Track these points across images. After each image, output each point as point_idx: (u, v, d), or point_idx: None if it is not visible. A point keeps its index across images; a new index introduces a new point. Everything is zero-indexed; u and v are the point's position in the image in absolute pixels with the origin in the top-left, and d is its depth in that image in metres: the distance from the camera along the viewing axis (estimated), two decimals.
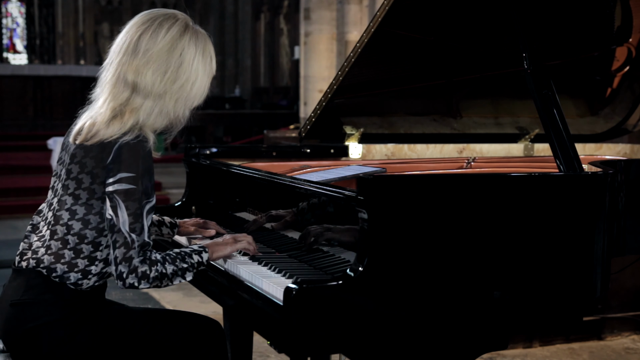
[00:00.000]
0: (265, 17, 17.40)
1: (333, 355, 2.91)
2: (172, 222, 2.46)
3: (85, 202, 2.03)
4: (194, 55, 2.06)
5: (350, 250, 2.02)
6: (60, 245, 2.04)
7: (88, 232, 2.04)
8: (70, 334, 2.03)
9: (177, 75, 2.04)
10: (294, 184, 2.29)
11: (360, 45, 2.85)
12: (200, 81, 2.09)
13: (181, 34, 2.06)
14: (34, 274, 2.05)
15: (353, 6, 9.03)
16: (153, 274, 1.97)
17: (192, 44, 2.07)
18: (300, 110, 10.21)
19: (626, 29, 3.30)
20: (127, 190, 1.96)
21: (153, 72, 2.02)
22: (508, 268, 1.99)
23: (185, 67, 2.05)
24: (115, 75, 2.05)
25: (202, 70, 2.09)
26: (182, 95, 2.07)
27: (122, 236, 1.95)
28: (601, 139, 3.57)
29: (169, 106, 2.05)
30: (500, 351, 3.20)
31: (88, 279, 2.06)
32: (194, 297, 4.79)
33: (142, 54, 2.02)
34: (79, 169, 2.03)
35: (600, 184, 2.11)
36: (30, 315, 2.03)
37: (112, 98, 2.04)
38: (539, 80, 2.24)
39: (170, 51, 2.03)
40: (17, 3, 19.28)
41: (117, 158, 1.97)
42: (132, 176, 1.96)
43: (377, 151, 3.30)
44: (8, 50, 19.31)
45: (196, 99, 2.11)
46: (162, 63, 2.03)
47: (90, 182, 2.02)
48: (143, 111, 2.03)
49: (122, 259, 1.95)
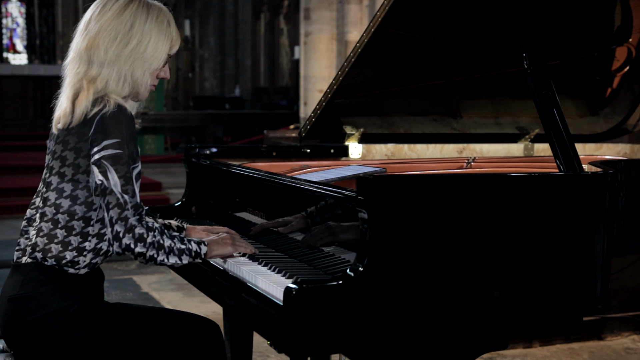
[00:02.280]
0: (265, 17, 17.40)
1: (333, 355, 2.91)
2: (179, 226, 2.42)
3: (71, 178, 2.06)
4: (145, 18, 2.10)
5: (350, 250, 2.02)
6: (52, 226, 2.07)
7: (77, 208, 2.06)
8: (70, 327, 2.03)
9: (128, 39, 2.08)
10: (294, 184, 2.30)
11: (360, 45, 2.85)
12: (154, 42, 2.11)
13: (128, 2, 2.10)
14: (30, 268, 2.07)
15: (353, 6, 9.03)
16: (150, 238, 1.98)
17: (143, 10, 2.10)
18: (300, 110, 10.21)
19: (626, 29, 3.30)
20: (114, 155, 1.99)
21: (103, 40, 2.07)
22: (508, 268, 1.99)
23: (136, 29, 2.08)
24: (73, 57, 2.11)
25: (157, 31, 2.11)
26: (137, 56, 2.09)
27: (114, 197, 1.97)
28: (601, 139, 3.57)
29: (125, 69, 2.08)
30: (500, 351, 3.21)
31: (84, 255, 2.07)
32: (194, 297, 4.80)
33: (92, 29, 2.08)
34: (62, 147, 2.07)
35: (600, 184, 2.11)
36: (29, 308, 2.03)
37: (72, 76, 2.10)
38: (539, 80, 2.24)
39: (117, 18, 2.08)
40: (17, 3, 19.29)
41: (100, 128, 2.00)
42: (117, 142, 1.99)
43: (377, 151, 3.30)
44: (8, 50, 19.32)
45: (154, 61, 2.12)
46: (112, 30, 2.07)
47: (75, 157, 2.05)
48: (100, 80, 2.06)
49: (118, 218, 1.97)
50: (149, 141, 13.88)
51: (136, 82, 2.11)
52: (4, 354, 2.18)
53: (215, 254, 2.16)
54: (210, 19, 18.89)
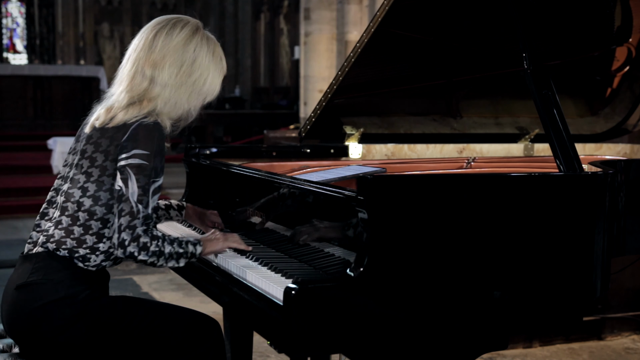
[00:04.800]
0: (265, 17, 17.40)
1: (333, 355, 2.91)
2: (179, 204, 2.59)
3: (97, 179, 2.12)
4: (205, 53, 2.21)
5: (350, 250, 2.02)
6: (71, 222, 2.12)
7: (98, 209, 2.12)
8: (74, 316, 2.05)
9: (192, 70, 2.18)
10: (294, 184, 2.30)
11: (360, 45, 2.85)
12: (212, 77, 2.23)
13: (193, 32, 2.20)
14: (41, 257, 2.11)
15: (353, 6, 9.03)
16: (153, 247, 2.05)
17: (204, 43, 2.21)
18: (300, 110, 10.21)
19: (626, 29, 3.30)
20: (139, 165, 2.06)
21: (169, 65, 2.16)
22: (508, 268, 1.99)
23: (199, 62, 2.19)
24: (133, 69, 2.18)
25: (214, 67, 2.23)
26: (196, 89, 2.20)
27: (128, 205, 2.04)
28: (601, 139, 3.57)
29: (183, 98, 2.19)
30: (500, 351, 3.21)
31: (96, 255, 2.12)
32: (194, 297, 4.80)
33: (158, 50, 2.16)
34: (94, 148, 2.14)
35: (600, 184, 2.11)
36: (38, 294, 2.06)
37: (130, 88, 2.17)
38: (539, 80, 2.24)
39: (184, 47, 2.18)
40: (17, 3, 19.28)
41: (134, 136, 2.08)
42: (145, 153, 2.07)
43: (377, 151, 3.30)
44: (8, 50, 19.31)
45: (209, 94, 2.25)
46: (178, 58, 2.17)
47: (103, 159, 2.12)
48: (161, 100, 2.16)
49: (126, 226, 2.03)
50: None
51: (189, 111, 2.23)
52: (5, 354, 2.18)
53: (208, 252, 2.22)
54: (210, 19, 18.89)
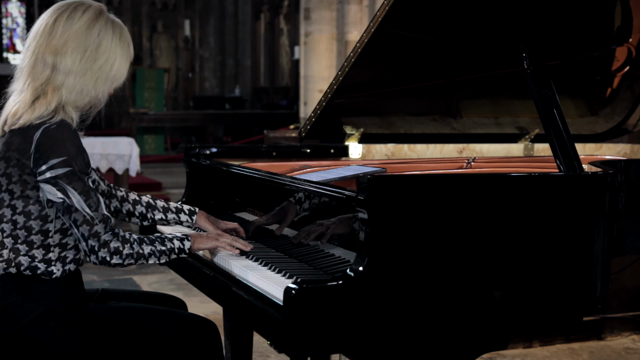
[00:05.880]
0: (265, 17, 17.40)
1: (333, 355, 2.91)
2: (191, 209, 2.46)
3: (20, 194, 2.04)
4: (111, 37, 2.11)
5: (351, 250, 2.02)
6: (13, 241, 2.06)
7: (33, 223, 2.05)
8: (62, 325, 2.02)
9: (96, 55, 2.08)
10: (294, 184, 2.30)
11: (360, 45, 2.85)
12: (119, 62, 2.13)
13: (96, 16, 2.10)
14: (6, 279, 2.06)
15: (353, 6, 9.03)
16: (127, 250, 2.01)
17: (109, 27, 2.12)
18: (300, 110, 10.21)
19: (626, 29, 3.30)
20: (65, 173, 1.98)
21: (72, 51, 2.06)
22: (508, 268, 1.99)
23: (104, 47, 2.09)
24: (33, 58, 2.07)
25: (121, 52, 2.13)
26: (102, 74, 2.10)
27: (80, 214, 1.98)
28: (601, 139, 3.57)
29: (90, 85, 2.08)
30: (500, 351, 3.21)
31: (53, 265, 2.07)
32: (194, 297, 4.79)
33: (59, 35, 2.06)
34: (5, 164, 2.04)
35: (600, 184, 2.11)
36: (18, 315, 2.03)
37: (33, 79, 2.06)
38: (539, 80, 2.24)
39: (87, 31, 2.08)
40: (17, 3, 19.28)
41: (41, 147, 1.99)
42: (63, 159, 1.98)
43: (377, 151, 3.30)
44: (8, 50, 19.30)
45: (116, 80, 2.15)
46: (81, 42, 2.07)
47: (19, 174, 2.03)
48: (65, 88, 2.06)
49: (89, 234, 1.98)
50: (149, 141, 13.89)
51: (97, 97, 2.12)
52: None
53: (197, 248, 2.19)
54: (210, 19, 18.89)
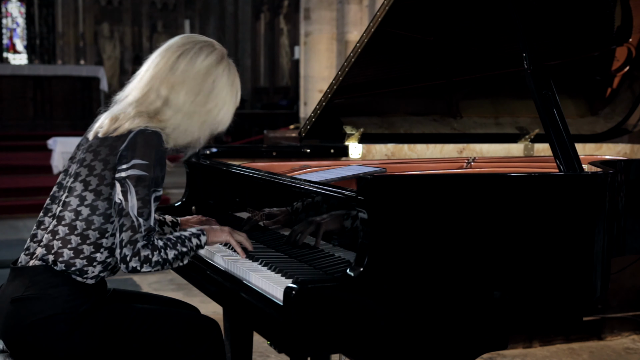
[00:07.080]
0: (265, 17, 17.40)
1: (333, 355, 2.91)
2: (173, 220, 2.51)
3: (95, 188, 2.09)
4: (224, 84, 2.17)
5: (350, 250, 2.02)
6: (68, 231, 2.09)
7: (95, 218, 2.09)
8: (70, 329, 2.04)
9: (207, 100, 2.14)
10: (294, 184, 2.29)
11: (360, 45, 2.85)
12: (226, 109, 2.19)
13: (218, 62, 2.17)
14: (38, 270, 2.08)
15: (353, 6, 9.03)
16: (155, 258, 2.04)
17: (226, 74, 2.18)
18: (300, 110, 10.21)
19: (626, 29, 3.30)
20: (139, 177, 2.03)
21: (187, 91, 2.12)
22: (508, 268, 1.99)
23: (217, 93, 2.15)
24: (149, 84, 2.13)
25: (230, 100, 2.20)
26: (209, 119, 2.17)
27: (129, 219, 2.01)
28: (601, 139, 3.57)
29: (195, 126, 2.15)
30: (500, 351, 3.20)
31: (93, 266, 2.09)
32: (194, 297, 4.79)
33: (179, 73, 2.12)
34: (93, 157, 2.10)
35: (600, 184, 2.11)
36: (33, 309, 2.04)
37: (141, 103, 2.13)
38: (539, 80, 2.24)
39: (205, 76, 2.14)
40: (17, 3, 19.28)
41: (132, 145, 2.04)
42: (145, 164, 2.04)
43: (377, 151, 3.30)
44: (8, 50, 19.30)
45: (220, 125, 2.21)
46: (196, 85, 2.13)
47: (102, 168, 2.08)
48: (170, 124, 2.12)
49: (128, 241, 2.01)
50: None
51: (197, 139, 2.19)
52: (3, 354, 2.18)
53: (212, 241, 2.21)
54: (210, 19, 18.89)
